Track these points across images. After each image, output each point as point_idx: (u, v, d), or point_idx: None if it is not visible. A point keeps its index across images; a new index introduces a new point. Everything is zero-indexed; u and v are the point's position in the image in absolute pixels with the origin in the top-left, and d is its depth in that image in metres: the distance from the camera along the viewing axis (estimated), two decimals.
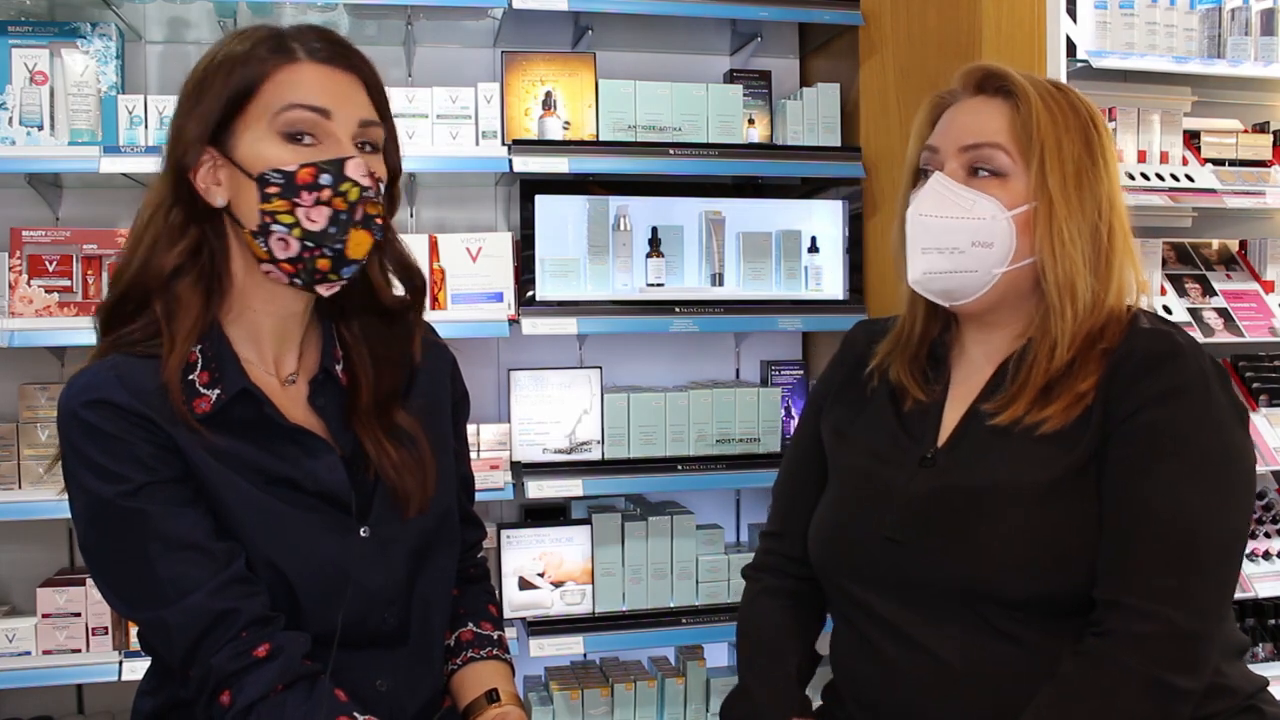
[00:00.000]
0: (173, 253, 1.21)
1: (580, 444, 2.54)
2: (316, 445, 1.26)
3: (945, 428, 1.36)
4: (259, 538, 1.22)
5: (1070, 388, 1.27)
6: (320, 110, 1.20)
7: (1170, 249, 2.60)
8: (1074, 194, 1.29)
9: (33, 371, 2.44)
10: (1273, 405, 2.57)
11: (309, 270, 1.21)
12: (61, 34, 2.34)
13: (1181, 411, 1.22)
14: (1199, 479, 1.21)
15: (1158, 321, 1.33)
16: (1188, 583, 1.18)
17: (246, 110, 1.20)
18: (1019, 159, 1.30)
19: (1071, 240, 1.28)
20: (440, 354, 1.43)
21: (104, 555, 1.21)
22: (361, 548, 1.27)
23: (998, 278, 1.31)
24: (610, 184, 2.60)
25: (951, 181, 1.32)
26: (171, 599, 1.17)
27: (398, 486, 1.28)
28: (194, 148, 1.20)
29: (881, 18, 2.59)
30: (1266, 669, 1.29)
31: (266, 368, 1.28)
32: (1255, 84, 2.64)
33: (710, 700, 2.63)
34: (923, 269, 1.33)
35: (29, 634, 2.29)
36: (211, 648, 1.16)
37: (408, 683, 1.32)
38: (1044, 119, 1.30)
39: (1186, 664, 1.17)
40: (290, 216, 1.18)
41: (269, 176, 1.18)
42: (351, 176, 1.19)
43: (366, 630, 1.28)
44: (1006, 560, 1.24)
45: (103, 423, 1.17)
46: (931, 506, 1.30)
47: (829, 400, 1.51)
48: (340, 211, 1.19)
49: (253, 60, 1.20)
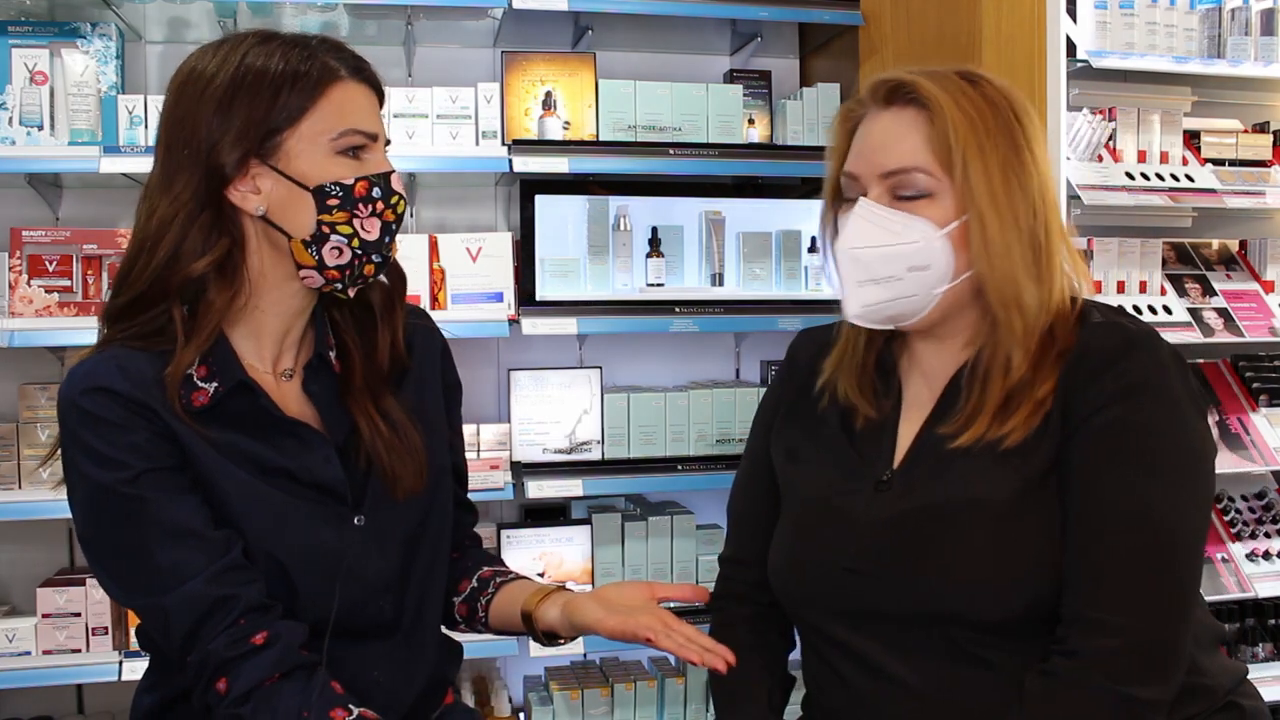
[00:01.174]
0: (203, 261, 1.22)
1: (580, 444, 2.54)
2: (312, 437, 1.29)
3: (900, 446, 1.31)
4: (256, 527, 1.23)
5: (1029, 396, 1.21)
6: (371, 135, 1.26)
7: (1170, 249, 2.59)
8: (1004, 200, 1.22)
9: (33, 371, 2.45)
10: (1273, 405, 2.57)
11: (355, 275, 1.27)
12: (61, 34, 2.34)
13: (1142, 409, 1.18)
14: (1166, 479, 1.17)
15: (1109, 313, 1.28)
16: (1153, 589, 1.15)
17: (299, 125, 1.22)
18: (943, 175, 1.23)
19: (1008, 250, 1.22)
20: (430, 338, 1.45)
21: (103, 542, 1.22)
22: (356, 536, 1.29)
23: (939, 296, 1.25)
24: (610, 184, 2.60)
25: (878, 207, 1.25)
26: (170, 585, 1.18)
27: (388, 467, 1.30)
28: (237, 163, 1.21)
29: (881, 18, 2.59)
30: (1267, 669, 1.29)
31: (264, 365, 1.30)
32: (1255, 84, 2.64)
33: (710, 700, 2.63)
34: (861, 303, 1.27)
35: (29, 634, 2.29)
36: (209, 634, 1.17)
37: (404, 673, 1.34)
38: (962, 128, 1.22)
39: (1155, 675, 1.15)
40: (349, 227, 1.24)
41: (329, 189, 1.23)
42: (397, 189, 1.28)
43: (363, 619, 1.29)
44: (973, 582, 1.20)
45: (102, 410, 1.19)
46: (890, 534, 1.25)
47: (779, 422, 1.45)
48: (390, 222, 1.27)
49: (303, 77, 1.22)
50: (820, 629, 1.32)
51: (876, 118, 1.28)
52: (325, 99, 1.23)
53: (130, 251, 1.25)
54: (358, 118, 1.25)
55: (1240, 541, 2.51)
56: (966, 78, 1.27)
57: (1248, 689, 1.33)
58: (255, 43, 1.24)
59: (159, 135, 1.26)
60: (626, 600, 1.34)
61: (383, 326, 1.35)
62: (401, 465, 1.30)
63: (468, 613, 1.46)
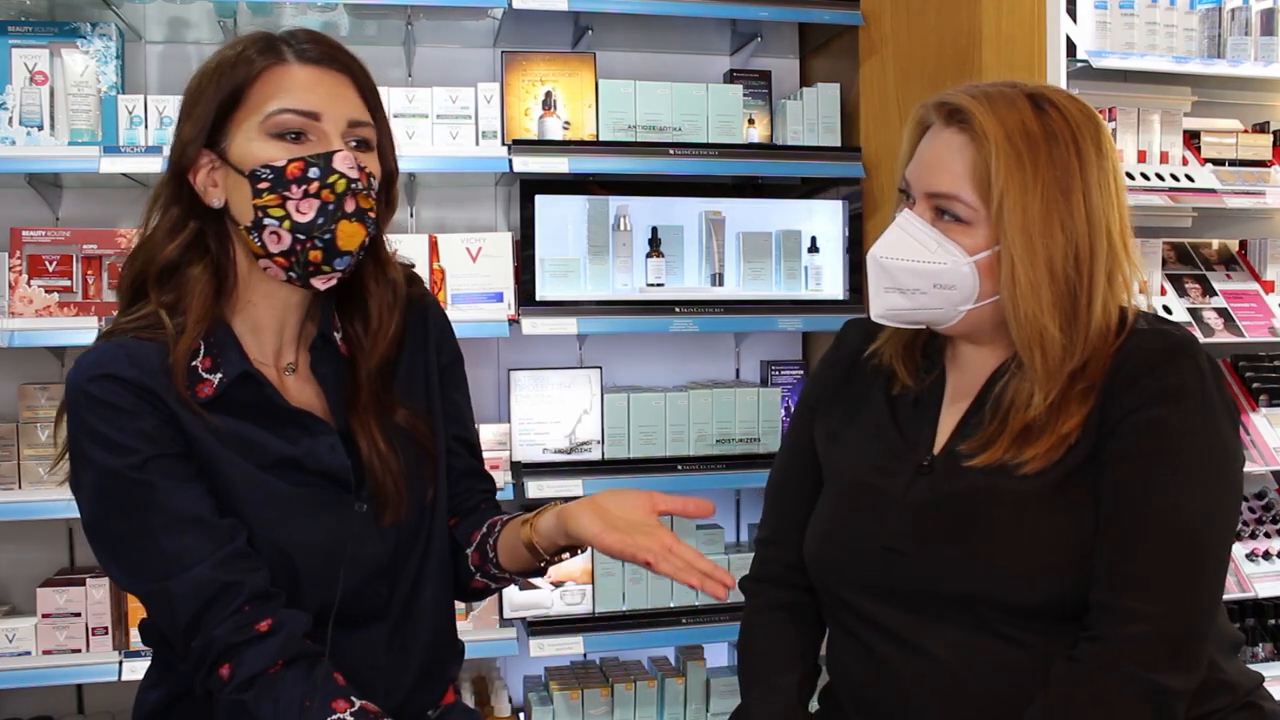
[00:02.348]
0: (171, 245, 1.26)
1: (580, 444, 2.54)
2: (317, 426, 1.30)
3: (941, 433, 1.36)
4: (261, 515, 1.24)
5: (1053, 430, 1.24)
6: (308, 114, 1.23)
7: (1170, 249, 2.60)
8: (1039, 240, 1.23)
9: (33, 371, 2.44)
10: (1273, 405, 2.57)
11: (302, 263, 1.24)
12: (61, 34, 2.34)
13: (1181, 411, 1.22)
14: (1197, 480, 1.21)
15: (1156, 321, 1.32)
16: (1184, 583, 1.19)
17: (237, 112, 1.24)
18: (980, 205, 1.26)
19: (1035, 290, 1.24)
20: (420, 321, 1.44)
21: (109, 528, 1.23)
22: (357, 522, 1.30)
23: (963, 313, 1.30)
24: (610, 184, 2.60)
25: (919, 221, 1.29)
26: (175, 571, 1.19)
27: (381, 486, 1.31)
28: (190, 150, 1.24)
29: (881, 18, 2.59)
30: (1266, 669, 1.29)
31: (266, 359, 1.31)
32: (1255, 84, 2.64)
33: (710, 700, 2.63)
34: (885, 306, 1.33)
35: (29, 634, 2.29)
36: (214, 619, 1.18)
37: (402, 659, 1.35)
38: (1006, 161, 1.23)
39: (1181, 664, 1.18)
40: (281, 210, 1.22)
41: (260, 173, 1.22)
42: (339, 169, 1.23)
43: (362, 604, 1.31)
44: (1009, 567, 1.23)
45: (110, 396, 1.20)
46: (931, 515, 1.29)
47: (824, 403, 1.49)
48: (328, 203, 1.22)
49: (241, 63, 1.24)
50: (854, 606, 1.35)
51: (936, 134, 1.31)
52: (259, 82, 1.23)
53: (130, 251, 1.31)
54: (291, 98, 1.23)
55: (1240, 541, 2.51)
56: (1036, 103, 1.27)
57: (1265, 694, 1.34)
58: (235, 40, 1.28)
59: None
60: (626, 513, 1.28)
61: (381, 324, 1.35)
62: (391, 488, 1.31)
63: (480, 560, 1.42)
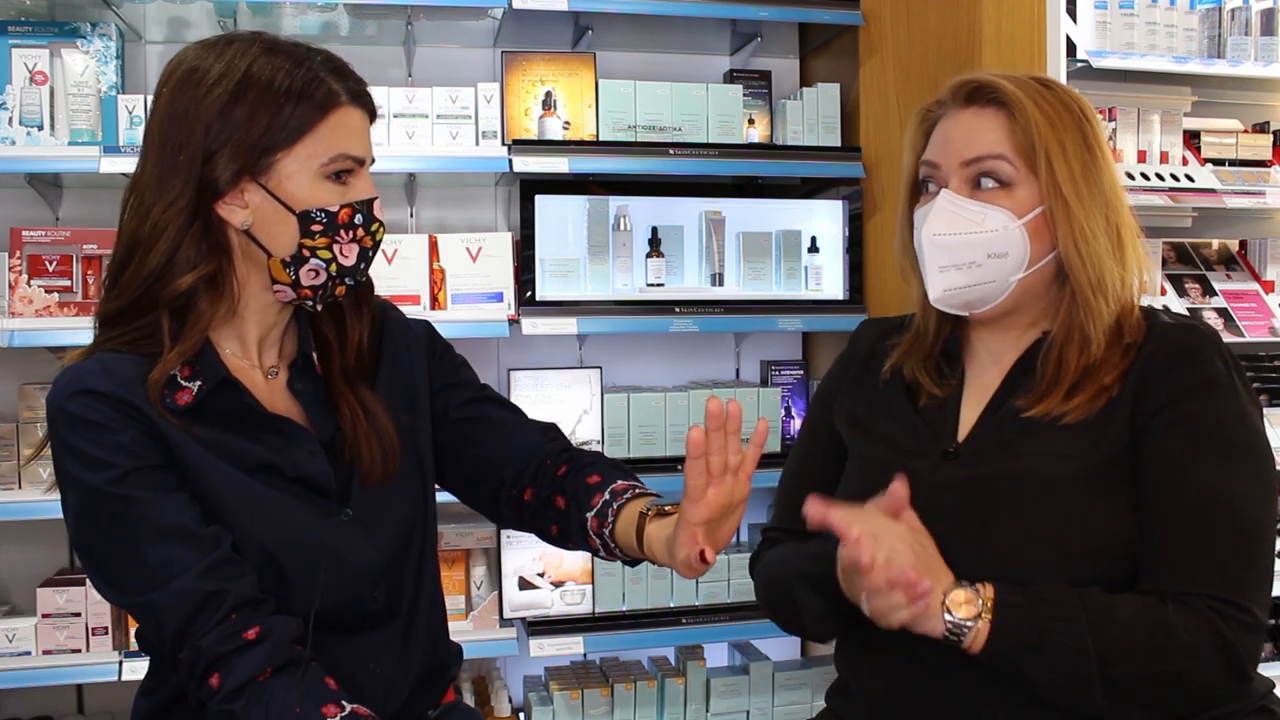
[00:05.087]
0: (192, 275, 1.22)
1: (580, 444, 2.54)
2: (296, 432, 1.29)
3: (964, 424, 1.37)
4: (244, 522, 1.24)
5: (1095, 380, 1.29)
6: (361, 160, 1.27)
7: (1170, 249, 2.60)
8: (1085, 191, 1.30)
9: (33, 371, 2.44)
10: (1273, 405, 2.57)
11: (326, 295, 1.28)
12: (61, 34, 2.34)
13: (1215, 405, 1.24)
14: (1243, 472, 1.24)
15: (1175, 316, 1.36)
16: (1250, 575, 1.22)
17: (295, 147, 1.22)
18: (1023, 166, 1.31)
19: (1095, 236, 1.30)
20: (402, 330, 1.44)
21: (94, 543, 1.22)
22: (345, 530, 1.29)
23: (1015, 284, 1.33)
24: (610, 184, 2.60)
25: (959, 197, 1.33)
26: (160, 582, 1.18)
27: (364, 453, 1.31)
28: (229, 174, 1.21)
29: (881, 18, 2.59)
30: (1266, 669, 1.29)
31: (250, 360, 1.31)
32: (1255, 84, 2.64)
33: (710, 700, 2.63)
34: (943, 287, 1.34)
35: (29, 634, 2.29)
36: (200, 629, 1.18)
37: (400, 663, 1.35)
38: (1042, 124, 1.30)
39: (1256, 656, 1.21)
40: (328, 252, 1.25)
41: (314, 214, 1.24)
42: (378, 217, 1.29)
43: (355, 611, 1.30)
44: (1034, 553, 1.24)
45: (87, 412, 1.19)
46: (957, 498, 1.30)
47: (843, 394, 1.50)
48: (366, 248, 1.28)
49: (306, 99, 1.22)
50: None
51: (958, 115, 1.36)
52: (325, 123, 1.23)
53: (121, 252, 1.24)
54: (350, 143, 1.25)
55: None
56: (1041, 82, 1.36)
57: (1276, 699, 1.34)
58: (260, 52, 1.23)
59: (150, 127, 1.24)
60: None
61: (352, 322, 1.36)
62: (371, 452, 1.31)
63: (598, 526, 1.32)
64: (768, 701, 2.65)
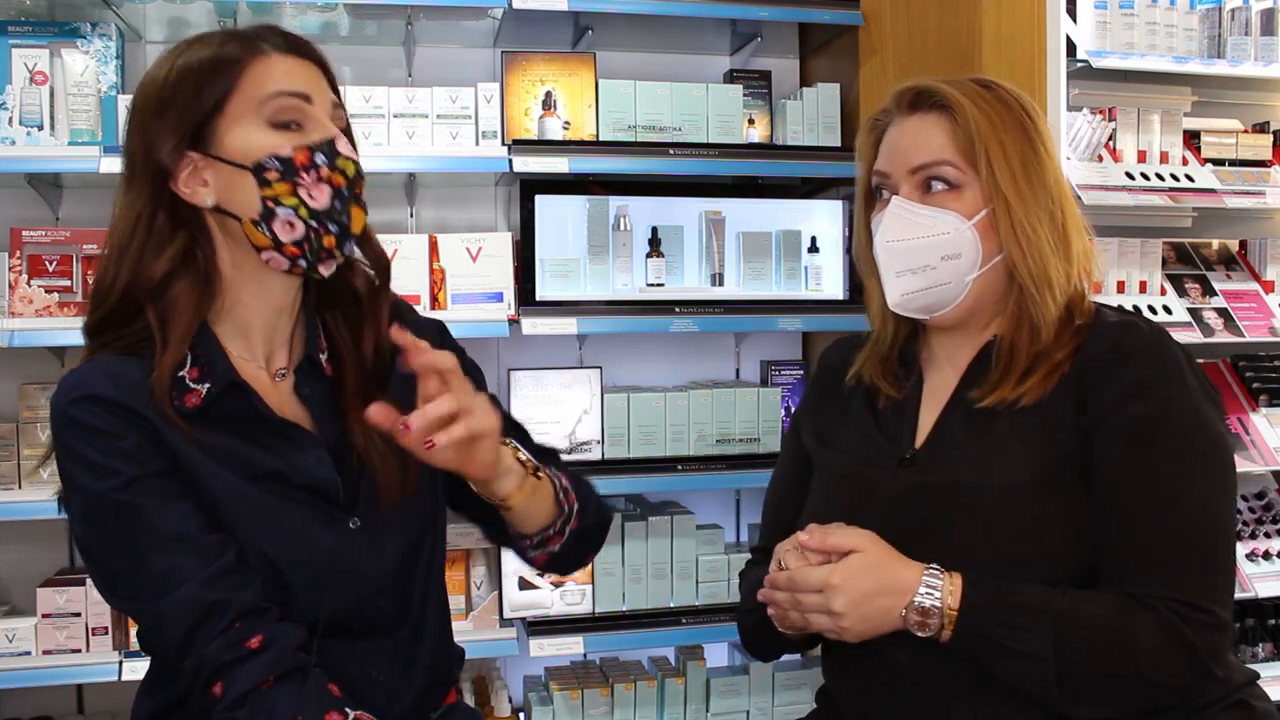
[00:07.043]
0: (162, 258, 1.23)
1: (580, 444, 2.54)
2: (304, 439, 1.28)
3: (923, 428, 1.39)
4: (249, 529, 1.23)
5: (1048, 359, 1.31)
6: (302, 95, 1.24)
7: (1170, 249, 2.59)
8: (1025, 188, 1.33)
9: (33, 371, 2.44)
10: (1273, 405, 2.57)
11: (315, 249, 1.24)
12: (61, 34, 2.34)
13: (1162, 401, 1.24)
14: (1199, 470, 1.23)
15: (1119, 313, 1.36)
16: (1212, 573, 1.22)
17: (227, 108, 1.22)
18: (967, 168, 1.34)
19: (1035, 232, 1.32)
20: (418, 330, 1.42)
21: (98, 549, 1.22)
22: (353, 538, 1.28)
23: (970, 284, 1.35)
24: (610, 184, 2.60)
25: (910, 203, 1.35)
26: (164, 591, 1.18)
27: (381, 475, 1.29)
28: (172, 154, 1.22)
29: (881, 18, 2.59)
30: (1266, 669, 1.29)
31: (257, 362, 1.30)
32: (1255, 84, 2.64)
33: (710, 700, 2.63)
34: (900, 291, 1.37)
35: (29, 634, 2.29)
36: (204, 638, 1.17)
37: (404, 671, 1.33)
38: (982, 124, 1.33)
39: (1221, 655, 1.21)
40: (294, 198, 1.22)
41: (266, 163, 1.21)
42: (344, 153, 1.24)
43: (362, 619, 1.29)
44: (991, 557, 1.25)
45: (91, 418, 1.18)
46: (913, 506, 1.32)
47: (809, 412, 1.54)
48: (340, 187, 1.24)
49: (223, 61, 1.22)
50: None
51: (903, 123, 1.39)
52: (247, 75, 1.22)
53: (103, 262, 1.26)
54: (284, 82, 1.22)
55: (1240, 541, 2.51)
56: (980, 84, 1.39)
57: (1258, 691, 1.35)
58: (191, 42, 1.25)
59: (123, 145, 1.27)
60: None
61: (369, 316, 1.34)
62: (389, 473, 1.29)
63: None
64: (767, 701, 2.66)
